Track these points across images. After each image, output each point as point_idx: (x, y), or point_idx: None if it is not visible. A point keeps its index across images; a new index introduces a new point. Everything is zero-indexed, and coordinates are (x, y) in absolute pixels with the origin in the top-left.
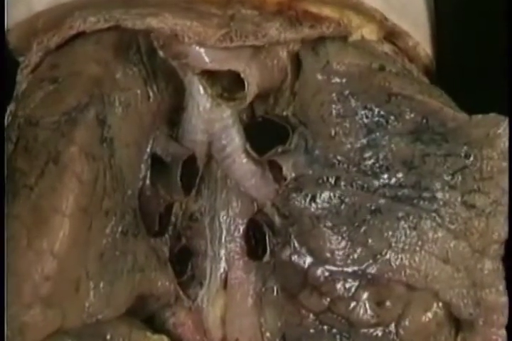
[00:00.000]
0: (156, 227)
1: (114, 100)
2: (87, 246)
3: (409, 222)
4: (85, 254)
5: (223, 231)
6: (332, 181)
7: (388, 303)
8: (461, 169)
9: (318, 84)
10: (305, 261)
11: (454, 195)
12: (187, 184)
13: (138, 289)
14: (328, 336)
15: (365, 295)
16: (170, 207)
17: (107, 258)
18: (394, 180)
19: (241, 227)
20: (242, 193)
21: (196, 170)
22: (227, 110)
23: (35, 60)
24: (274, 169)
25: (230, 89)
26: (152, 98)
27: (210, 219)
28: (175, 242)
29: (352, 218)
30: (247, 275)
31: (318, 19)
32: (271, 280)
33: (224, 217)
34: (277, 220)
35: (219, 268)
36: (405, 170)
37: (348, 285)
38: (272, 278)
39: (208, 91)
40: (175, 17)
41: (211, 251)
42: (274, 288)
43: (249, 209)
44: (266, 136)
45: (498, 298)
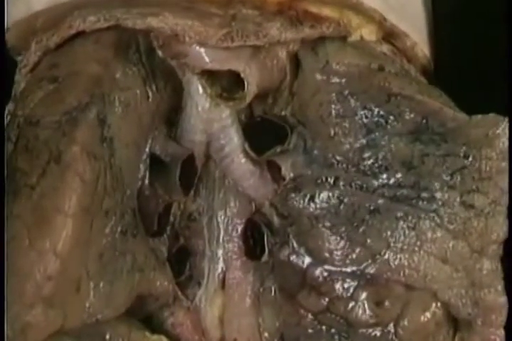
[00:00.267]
0: (154, 227)
1: (114, 100)
2: (87, 245)
3: (408, 222)
4: (86, 254)
5: (221, 231)
6: (331, 181)
7: (387, 303)
8: (460, 169)
9: (318, 84)
10: (303, 261)
11: (453, 195)
12: (186, 184)
13: (137, 289)
14: (327, 336)
15: (364, 295)
16: (169, 207)
17: (106, 258)
18: (393, 180)
19: (239, 227)
20: (240, 193)
21: (195, 170)
22: (226, 110)
23: (34, 59)
24: (272, 169)
25: (229, 89)
26: (151, 98)
27: (208, 219)
28: (173, 242)
29: (351, 218)
30: (245, 275)
31: (318, 19)
32: (269, 281)
33: (222, 217)
34: (276, 220)
35: (217, 268)
36: (404, 170)
37: (346, 285)
38: (270, 278)
39: (208, 91)
40: (176, 17)
41: (209, 251)
42: (272, 288)
43: (247, 210)
44: (264, 136)
45: (497, 297)
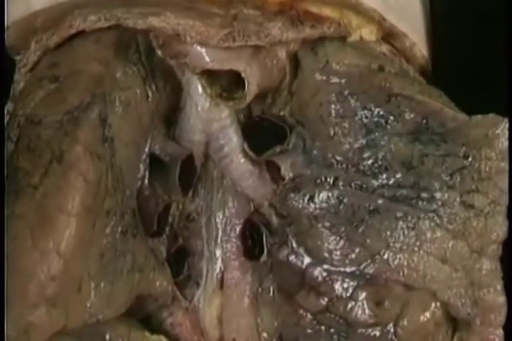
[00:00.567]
0: (154, 227)
1: (114, 99)
2: (89, 245)
3: (407, 222)
4: (87, 254)
5: (219, 231)
6: (330, 181)
7: (386, 303)
8: (459, 169)
9: (317, 84)
10: (303, 261)
11: (453, 195)
12: (185, 184)
13: (137, 289)
14: (326, 336)
15: (363, 295)
16: (168, 207)
17: (107, 258)
18: (392, 180)
19: (237, 227)
20: (239, 193)
21: (194, 170)
22: (226, 110)
23: (34, 58)
24: (271, 169)
25: (229, 88)
26: (151, 97)
27: (206, 219)
28: (172, 242)
29: (350, 218)
30: (244, 276)
31: (318, 19)
32: (267, 281)
33: (220, 217)
34: (274, 220)
35: (215, 269)
36: (404, 171)
37: (346, 285)
38: (269, 279)
39: (207, 91)
40: (177, 16)
41: (207, 251)
42: (270, 288)
43: (245, 210)
44: (264, 136)
45: (496, 297)
